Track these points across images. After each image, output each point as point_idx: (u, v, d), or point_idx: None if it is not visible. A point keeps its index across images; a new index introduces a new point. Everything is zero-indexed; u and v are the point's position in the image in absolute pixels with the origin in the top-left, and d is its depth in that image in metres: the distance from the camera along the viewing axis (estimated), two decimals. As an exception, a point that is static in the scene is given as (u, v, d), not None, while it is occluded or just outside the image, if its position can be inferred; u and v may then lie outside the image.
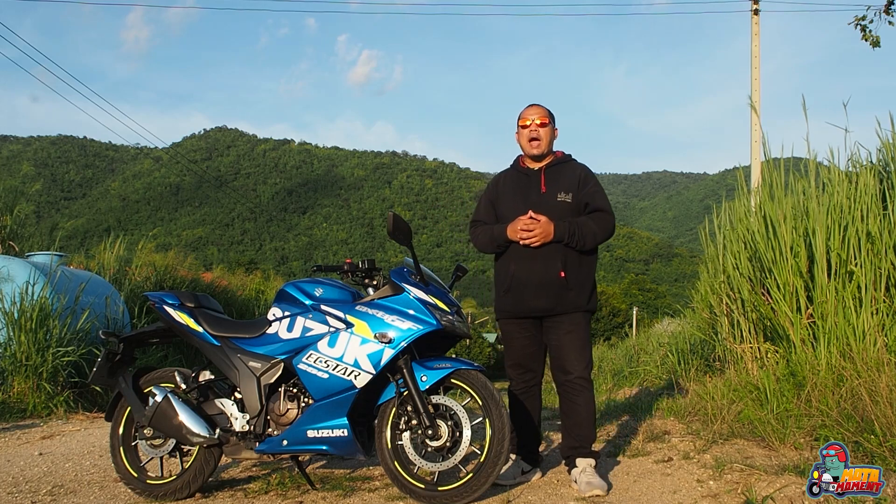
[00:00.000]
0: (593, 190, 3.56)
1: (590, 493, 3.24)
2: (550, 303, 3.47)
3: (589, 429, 3.48)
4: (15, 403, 6.50)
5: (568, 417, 3.52)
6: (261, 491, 3.55)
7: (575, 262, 3.50)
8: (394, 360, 3.18)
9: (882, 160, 4.93)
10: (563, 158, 3.67)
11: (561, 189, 3.53)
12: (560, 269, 3.45)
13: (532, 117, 3.59)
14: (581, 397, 3.47)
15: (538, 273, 3.46)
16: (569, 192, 3.53)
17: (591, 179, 3.59)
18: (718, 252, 5.61)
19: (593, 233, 3.47)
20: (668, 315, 13.65)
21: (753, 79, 13.54)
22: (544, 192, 3.54)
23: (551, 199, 3.51)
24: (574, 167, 3.63)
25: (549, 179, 3.57)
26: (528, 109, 3.64)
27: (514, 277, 3.52)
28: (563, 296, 3.47)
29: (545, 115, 3.61)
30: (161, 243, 22.47)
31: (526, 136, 3.60)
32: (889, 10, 8.48)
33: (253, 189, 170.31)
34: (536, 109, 3.62)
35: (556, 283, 3.45)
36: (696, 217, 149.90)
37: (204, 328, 3.54)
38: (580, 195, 3.54)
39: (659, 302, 52.08)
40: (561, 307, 3.48)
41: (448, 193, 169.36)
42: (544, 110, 3.62)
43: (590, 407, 3.49)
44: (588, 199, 3.54)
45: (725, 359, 5.35)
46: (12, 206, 9.72)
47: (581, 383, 3.47)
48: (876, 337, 4.07)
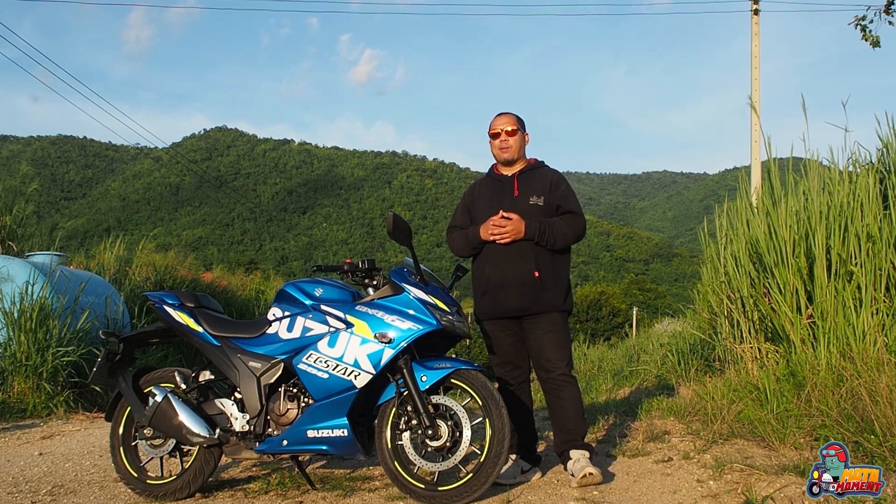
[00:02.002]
0: (565, 193, 3.68)
1: (582, 474, 3.28)
2: (526, 302, 3.55)
3: (578, 422, 3.52)
4: (15, 403, 6.50)
5: (556, 414, 3.57)
6: (261, 491, 3.55)
7: (548, 261, 3.58)
8: (394, 360, 3.18)
9: (882, 160, 4.93)
10: (535, 165, 3.78)
11: (533, 193, 3.65)
12: (533, 268, 3.54)
13: (501, 126, 3.70)
14: (565, 392, 3.52)
15: (512, 273, 3.55)
16: (541, 195, 3.64)
17: (562, 183, 3.71)
18: (718, 252, 5.61)
19: (563, 233, 3.57)
20: (668, 315, 13.66)
21: (753, 79, 13.54)
22: (517, 195, 3.66)
23: (524, 203, 3.62)
24: (546, 172, 3.75)
25: (522, 184, 3.68)
26: (496, 119, 3.75)
27: (490, 279, 3.61)
28: (539, 295, 3.54)
29: (514, 122, 3.71)
30: (161, 243, 22.45)
31: (497, 144, 3.71)
32: (889, 10, 8.48)
33: (253, 189, 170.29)
34: (505, 118, 3.73)
35: (530, 283, 3.53)
36: (696, 217, 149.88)
37: (204, 328, 3.54)
38: (552, 198, 3.65)
39: (659, 302, 52.09)
40: (537, 307, 3.55)
41: (448, 193, 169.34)
42: (513, 118, 3.74)
43: (576, 401, 3.53)
44: (560, 201, 3.65)
45: (725, 359, 5.35)
46: (12, 206, 9.72)
47: (564, 379, 3.52)
48: (876, 337, 4.07)
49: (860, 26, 8.75)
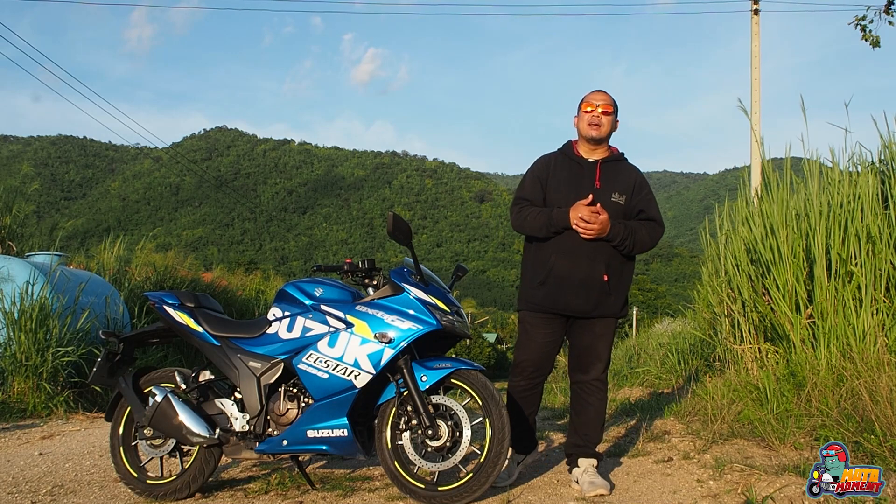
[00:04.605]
0: (648, 197, 3.46)
1: (592, 493, 3.24)
2: (590, 305, 3.37)
3: (596, 430, 3.48)
4: (15, 403, 6.50)
5: (577, 415, 3.51)
6: (261, 491, 3.55)
7: (618, 265, 3.41)
8: (394, 360, 3.18)
9: (883, 160, 4.93)
10: (617, 156, 3.52)
11: (616, 189, 3.41)
12: (604, 271, 3.35)
13: (597, 102, 3.45)
14: (594, 397, 3.46)
15: (581, 271, 3.34)
16: (623, 193, 3.41)
17: (645, 185, 3.49)
18: (719, 252, 5.61)
19: (643, 241, 3.39)
20: (668, 315, 13.65)
21: (753, 79, 13.55)
22: (598, 187, 3.39)
23: (605, 197, 3.37)
24: (629, 169, 3.51)
25: (605, 175, 3.43)
26: (593, 94, 3.49)
27: (553, 271, 3.38)
28: (604, 299, 3.38)
29: (610, 103, 3.46)
30: (161, 243, 22.45)
31: (587, 119, 3.43)
32: (889, 10, 8.48)
33: (253, 189, 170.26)
34: (602, 96, 3.48)
35: (597, 285, 3.35)
36: (696, 217, 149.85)
37: (204, 328, 3.54)
38: (634, 199, 3.43)
39: (659, 302, 52.05)
40: (598, 311, 3.40)
41: (448, 193, 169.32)
42: (610, 98, 3.48)
43: (601, 408, 3.48)
44: (643, 205, 3.44)
45: (725, 359, 5.35)
46: (12, 206, 9.73)
47: (598, 385, 3.46)
48: (876, 337, 4.07)
49: (860, 26, 8.75)
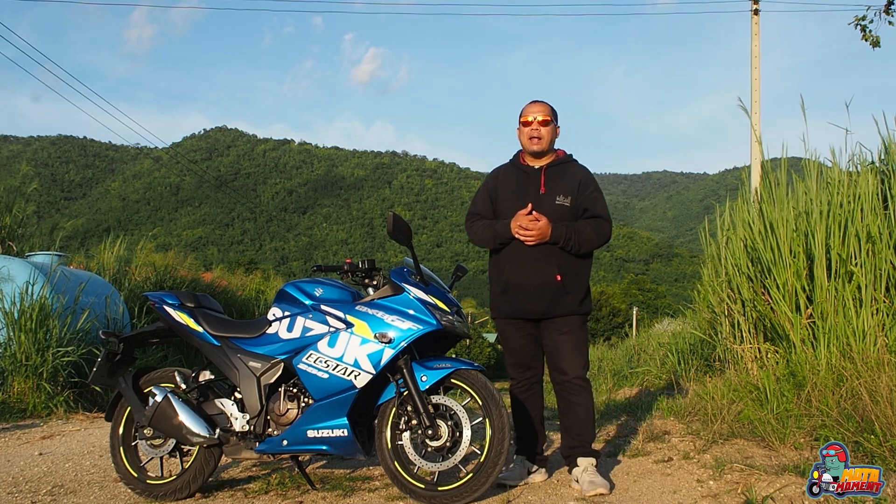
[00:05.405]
0: (593, 195, 3.52)
1: (593, 493, 3.24)
2: (546, 306, 3.46)
3: (588, 428, 3.48)
4: (15, 403, 6.50)
5: (566, 417, 3.53)
6: (261, 491, 3.55)
7: (570, 266, 3.48)
8: (394, 360, 3.17)
9: (883, 160, 4.93)
10: (564, 158, 3.61)
11: (560, 192, 3.50)
12: (556, 272, 3.43)
13: (534, 114, 3.53)
14: (579, 397, 3.47)
15: (536, 276, 3.44)
16: (568, 195, 3.49)
17: (591, 184, 3.55)
18: (719, 252, 5.61)
19: (589, 239, 3.45)
20: (668, 315, 13.65)
21: (753, 79, 13.55)
22: (543, 192, 3.50)
23: (550, 201, 3.48)
24: (575, 169, 3.58)
25: (549, 180, 3.53)
26: (529, 106, 3.58)
27: (510, 279, 3.49)
28: (560, 300, 3.45)
29: (547, 112, 3.54)
30: (161, 243, 22.46)
31: (527, 133, 3.54)
32: (889, 10, 8.48)
33: (253, 189, 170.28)
34: (539, 106, 3.56)
35: (552, 287, 3.44)
36: (696, 217, 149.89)
37: (204, 328, 3.54)
38: (579, 199, 3.51)
39: (659, 302, 52.08)
40: (557, 310, 3.47)
41: (448, 193, 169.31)
42: (547, 108, 3.56)
43: (588, 406, 3.49)
44: (588, 204, 3.51)
45: (725, 359, 5.35)
46: (12, 206, 9.73)
47: (578, 383, 3.47)
48: (876, 337, 4.07)
49: (860, 26, 8.75)
